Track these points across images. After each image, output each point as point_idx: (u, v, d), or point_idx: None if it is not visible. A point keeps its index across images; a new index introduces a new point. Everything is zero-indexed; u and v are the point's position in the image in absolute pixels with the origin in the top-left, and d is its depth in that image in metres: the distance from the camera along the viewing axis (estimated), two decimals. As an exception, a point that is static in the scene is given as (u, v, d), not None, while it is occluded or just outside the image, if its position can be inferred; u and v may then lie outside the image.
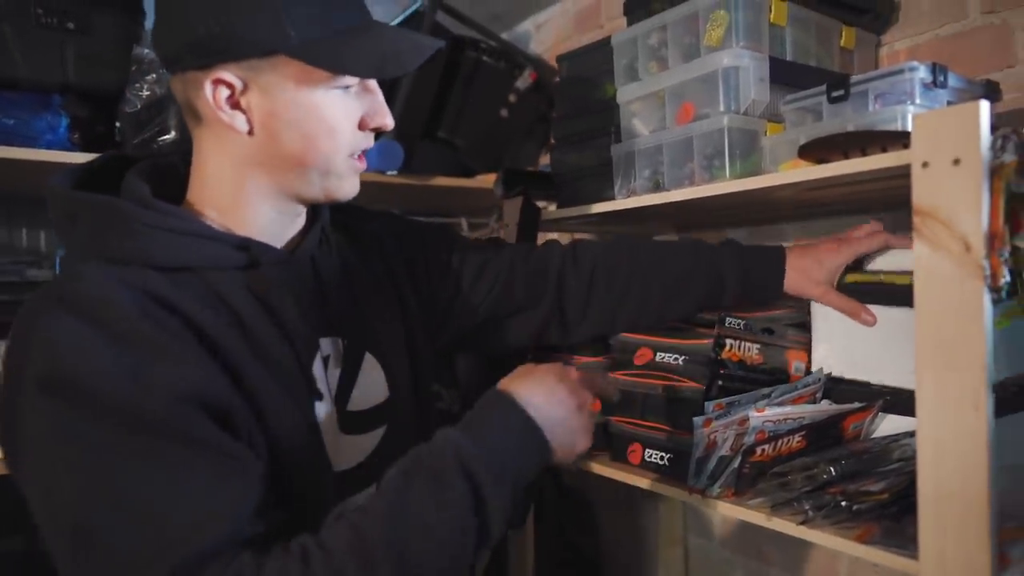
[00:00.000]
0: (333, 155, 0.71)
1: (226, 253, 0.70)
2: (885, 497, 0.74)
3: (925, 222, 0.68)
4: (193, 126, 0.72)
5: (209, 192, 0.72)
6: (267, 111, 0.68)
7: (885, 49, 1.09)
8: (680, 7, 0.96)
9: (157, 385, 0.59)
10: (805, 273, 0.90)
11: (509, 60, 1.64)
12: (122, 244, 0.66)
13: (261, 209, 0.73)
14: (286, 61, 0.66)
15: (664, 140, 0.99)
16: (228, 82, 0.66)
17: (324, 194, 0.74)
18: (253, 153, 0.70)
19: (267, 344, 0.69)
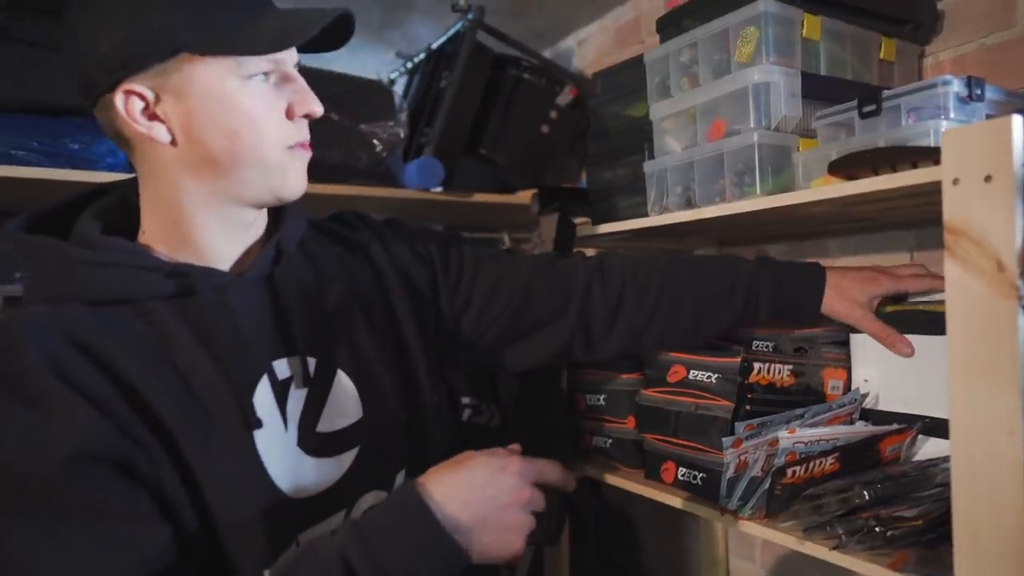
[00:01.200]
0: (261, 147, 0.68)
1: (157, 282, 0.68)
2: (919, 524, 0.72)
3: (957, 241, 0.66)
4: (126, 151, 0.71)
5: (154, 217, 0.72)
6: (183, 115, 0.66)
7: (929, 60, 1.06)
8: (711, 24, 0.95)
9: (49, 446, 0.58)
10: (845, 295, 0.88)
11: (550, 77, 1.66)
12: (58, 283, 0.67)
13: (205, 224, 0.71)
14: (189, 59, 0.65)
15: (695, 157, 0.98)
16: (138, 92, 0.65)
17: (270, 192, 0.71)
18: (182, 163, 0.68)
19: (194, 376, 0.67)
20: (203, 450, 0.65)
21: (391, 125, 1.39)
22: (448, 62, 1.56)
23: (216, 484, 0.65)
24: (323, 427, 0.74)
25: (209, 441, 0.66)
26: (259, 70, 0.68)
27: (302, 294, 0.77)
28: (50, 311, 0.66)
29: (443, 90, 1.51)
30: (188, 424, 0.65)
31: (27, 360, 0.61)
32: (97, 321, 0.65)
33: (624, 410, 1.14)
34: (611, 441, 1.18)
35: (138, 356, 0.65)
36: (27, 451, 0.58)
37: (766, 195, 0.88)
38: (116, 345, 0.65)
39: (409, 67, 1.77)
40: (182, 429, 0.65)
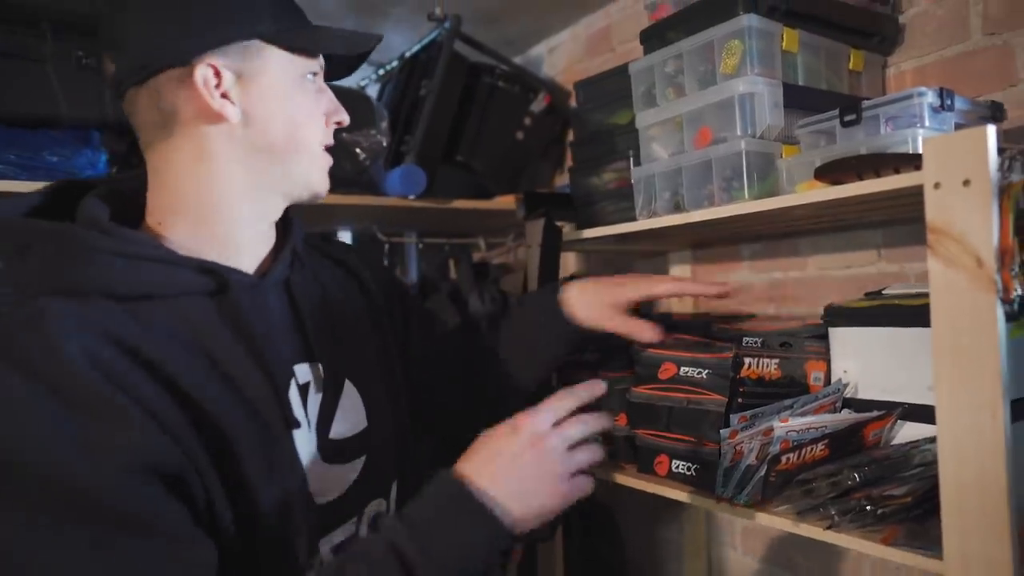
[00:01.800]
0: (311, 141, 0.72)
1: (191, 279, 0.67)
2: (908, 500, 0.78)
3: (939, 240, 0.72)
4: (160, 138, 0.69)
5: (179, 207, 0.69)
6: (253, 98, 0.68)
7: (892, 70, 1.14)
8: (696, 36, 1.00)
9: (101, 459, 0.56)
10: (591, 307, 0.95)
11: (524, 84, 1.69)
12: (80, 274, 0.62)
13: (240, 218, 0.71)
14: (262, 47, 0.68)
15: (683, 163, 1.03)
16: (218, 69, 0.66)
17: (307, 187, 0.74)
18: (240, 144, 0.69)
19: (240, 375, 0.66)
20: (253, 451, 0.64)
21: (373, 133, 1.40)
22: (424, 70, 1.58)
23: (264, 486, 0.65)
24: (335, 434, 0.75)
25: (260, 440, 0.66)
26: (312, 70, 0.72)
27: (312, 302, 0.78)
28: (75, 305, 0.61)
29: (422, 98, 1.53)
30: (240, 425, 0.64)
31: (73, 361, 0.57)
32: (132, 320, 0.62)
33: (615, 407, 1.18)
34: (603, 438, 1.22)
35: (182, 356, 0.63)
36: (79, 459, 0.55)
37: (754, 199, 0.94)
38: (159, 344, 0.62)
39: (381, 74, 1.78)
40: (235, 431, 0.64)
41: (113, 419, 0.57)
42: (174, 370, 0.62)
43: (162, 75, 0.66)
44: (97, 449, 0.56)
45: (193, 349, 0.64)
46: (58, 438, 0.55)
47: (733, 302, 1.41)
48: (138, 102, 0.68)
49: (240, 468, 0.63)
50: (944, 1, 1.07)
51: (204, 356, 0.65)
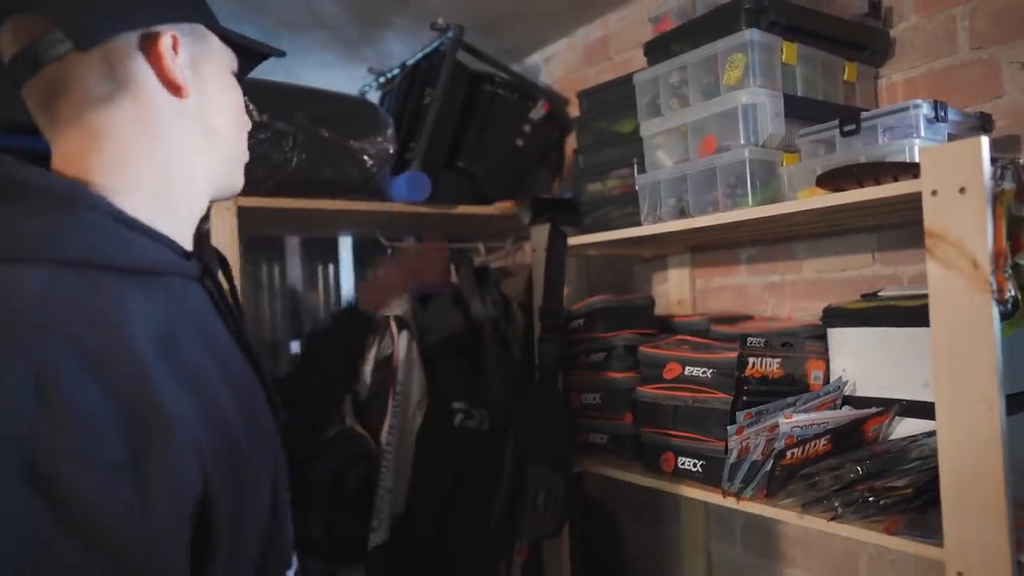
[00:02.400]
0: (242, 134, 0.71)
1: (179, 260, 0.61)
2: (910, 492, 0.82)
3: (937, 244, 0.77)
4: (102, 108, 0.60)
5: (133, 181, 0.61)
6: (203, 79, 0.65)
7: (883, 81, 1.18)
8: (700, 49, 1.04)
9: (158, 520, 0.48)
10: None
11: (523, 92, 1.73)
12: (83, 239, 0.52)
13: (188, 199, 0.65)
14: (207, 34, 0.66)
15: (688, 171, 1.07)
16: (178, 42, 0.62)
17: (231, 181, 0.71)
18: (191, 119, 0.65)
19: (236, 368, 0.63)
20: (253, 444, 0.60)
21: (379, 141, 1.43)
22: (427, 78, 1.61)
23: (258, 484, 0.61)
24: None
25: (257, 438, 0.61)
26: (235, 68, 0.71)
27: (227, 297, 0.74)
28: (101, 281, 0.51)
29: (425, 106, 1.56)
30: (244, 421, 0.60)
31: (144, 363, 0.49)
32: (147, 298, 0.54)
33: (621, 407, 1.22)
34: (608, 437, 1.26)
35: (196, 346, 0.57)
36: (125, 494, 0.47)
37: (757, 205, 0.98)
38: (177, 333, 0.55)
39: (381, 82, 1.81)
40: (238, 424, 0.59)
41: (172, 447, 0.49)
42: (190, 360, 0.55)
43: (117, 40, 0.60)
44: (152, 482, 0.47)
45: (194, 334, 0.58)
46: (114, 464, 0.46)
47: (732, 303, 1.46)
48: (79, 71, 0.59)
49: (242, 466, 0.58)
50: (933, 16, 1.12)
51: (203, 342, 0.59)
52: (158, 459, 0.48)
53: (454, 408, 1.52)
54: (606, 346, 1.26)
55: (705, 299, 1.52)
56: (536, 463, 1.23)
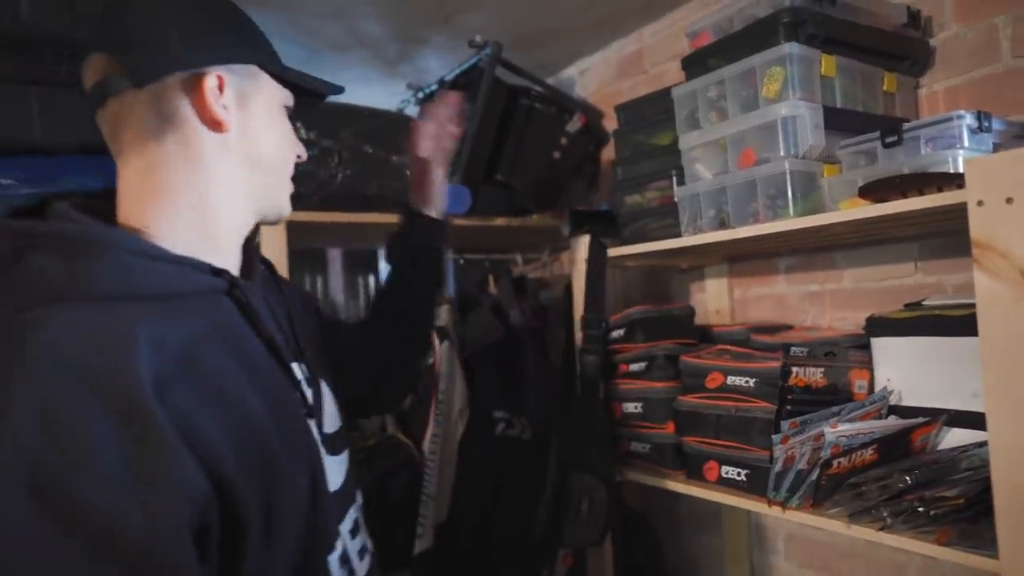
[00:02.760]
0: (290, 164, 0.77)
1: (208, 278, 0.66)
2: (961, 502, 0.82)
3: (983, 254, 0.77)
4: (151, 141, 0.67)
5: (174, 209, 0.67)
6: (249, 115, 0.72)
7: (924, 90, 1.18)
8: (738, 64, 1.06)
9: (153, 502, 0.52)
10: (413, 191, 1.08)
11: (559, 105, 1.75)
12: (104, 277, 0.58)
13: (230, 224, 0.72)
14: (259, 73, 0.73)
15: (728, 182, 1.08)
16: (224, 82, 0.69)
17: (277, 206, 0.77)
18: (233, 154, 0.71)
19: (265, 371, 0.67)
20: (282, 442, 0.64)
21: (421, 156, 1.46)
22: (465, 94, 1.65)
23: (294, 474, 0.65)
24: (327, 428, 0.77)
25: (287, 432, 0.66)
26: (288, 103, 0.78)
27: (284, 307, 0.81)
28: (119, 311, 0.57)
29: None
30: (270, 417, 0.64)
31: (139, 381, 0.53)
32: (164, 320, 0.59)
33: (662, 416, 1.23)
34: (650, 446, 1.27)
35: (214, 354, 0.62)
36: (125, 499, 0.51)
37: (798, 216, 0.99)
38: (195, 345, 0.60)
39: (420, 98, 1.85)
40: (265, 424, 0.63)
41: (166, 456, 0.53)
42: (213, 371, 0.60)
43: (169, 79, 0.67)
44: (148, 488, 0.52)
45: (220, 344, 0.63)
46: (108, 468, 0.51)
47: (770, 312, 1.46)
48: (134, 107, 0.67)
49: (273, 461, 0.62)
50: (974, 25, 1.12)
51: (230, 350, 0.64)
52: (152, 468, 0.52)
53: (495, 417, 1.55)
54: (647, 356, 1.28)
55: (743, 309, 1.52)
56: (579, 471, 1.24)
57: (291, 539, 0.63)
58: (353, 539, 0.77)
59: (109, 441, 0.51)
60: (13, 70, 1.11)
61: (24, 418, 0.50)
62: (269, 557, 0.61)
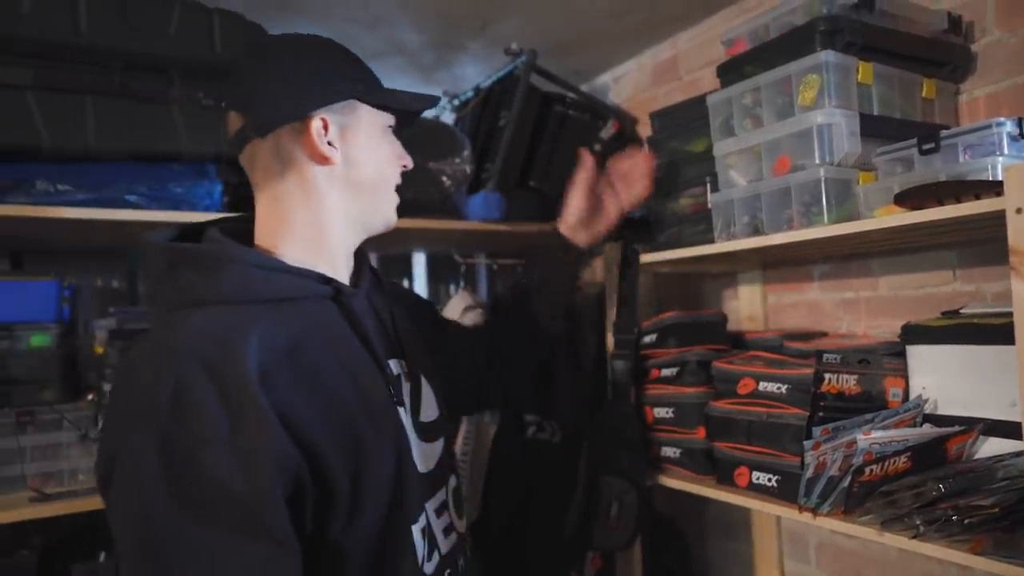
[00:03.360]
0: (393, 180, 0.89)
1: (315, 286, 0.79)
2: (996, 511, 0.81)
3: (1022, 262, 0.77)
4: (275, 180, 0.81)
5: (292, 233, 0.81)
6: (351, 145, 0.83)
7: (964, 97, 1.17)
8: (774, 71, 1.07)
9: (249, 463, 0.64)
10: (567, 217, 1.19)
11: (593, 112, 1.77)
12: (228, 285, 0.73)
13: (339, 240, 0.84)
14: (358, 105, 0.84)
15: (762, 189, 1.09)
16: (327, 123, 0.80)
17: (383, 218, 0.89)
18: (340, 182, 0.82)
19: (357, 363, 0.78)
20: (371, 425, 0.75)
21: (457, 162, 1.49)
22: (500, 101, 1.68)
23: (381, 453, 0.76)
24: (423, 417, 0.89)
25: (377, 417, 0.77)
26: (390, 123, 0.89)
27: (389, 310, 0.92)
28: (231, 313, 0.72)
29: (500, 127, 1.62)
30: (360, 404, 0.75)
31: (246, 370, 0.66)
32: (277, 318, 0.73)
33: (693, 421, 1.24)
34: (681, 451, 1.27)
35: (316, 348, 0.74)
36: (231, 461, 0.64)
37: (832, 223, 0.99)
38: (300, 339, 0.73)
39: (456, 104, 1.89)
40: (356, 409, 0.74)
41: (262, 429, 0.65)
42: (312, 361, 0.73)
43: (283, 128, 0.80)
44: (246, 454, 0.64)
45: (322, 341, 0.76)
46: (224, 454, 0.64)
47: (804, 319, 1.45)
48: (260, 152, 0.82)
49: (361, 438, 0.73)
50: (1017, 30, 1.11)
51: (330, 347, 0.76)
52: (250, 440, 0.65)
53: (527, 420, 1.57)
54: (679, 361, 1.28)
55: (777, 315, 1.52)
56: (610, 475, 1.25)
57: (376, 506, 0.74)
58: (439, 517, 0.86)
59: (218, 416, 0.64)
60: (71, 81, 1.17)
61: (162, 394, 0.65)
62: (357, 518, 0.72)
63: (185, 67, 1.26)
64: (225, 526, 0.63)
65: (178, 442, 0.64)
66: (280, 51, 0.83)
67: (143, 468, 0.63)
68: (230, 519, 0.64)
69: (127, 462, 0.65)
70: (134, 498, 0.64)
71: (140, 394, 0.67)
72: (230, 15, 1.32)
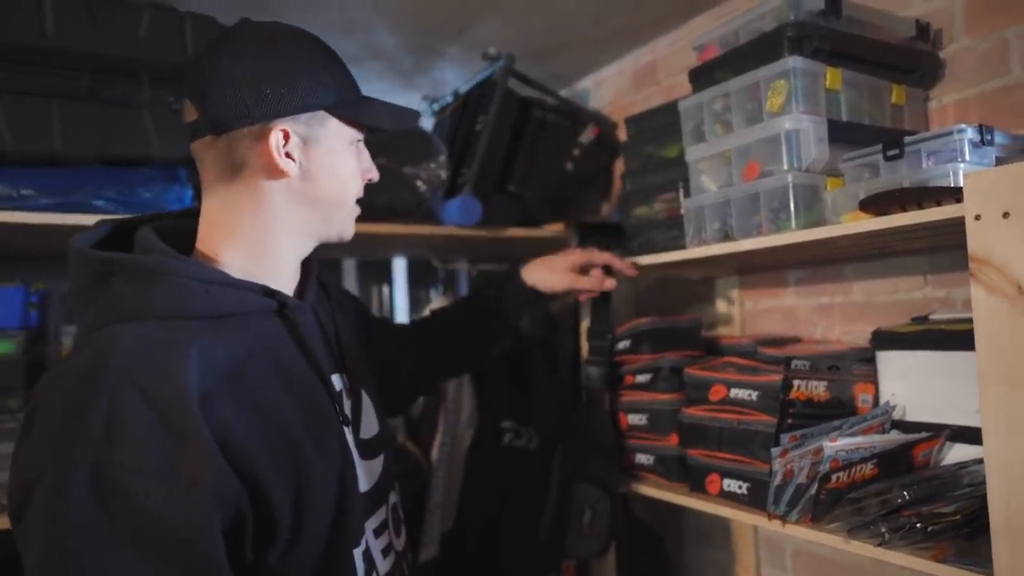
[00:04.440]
0: (354, 195, 0.84)
1: (259, 300, 0.76)
2: (958, 518, 0.81)
3: (981, 268, 0.77)
4: (224, 182, 0.77)
5: (236, 242, 0.77)
6: (312, 159, 0.78)
7: (934, 103, 1.18)
8: (743, 77, 1.06)
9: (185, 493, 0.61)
10: (541, 274, 1.22)
11: (572, 117, 1.77)
12: (167, 300, 0.69)
13: (287, 253, 0.80)
14: (325, 117, 0.78)
15: (732, 195, 1.09)
16: (288, 133, 0.76)
17: (339, 233, 0.84)
18: (295, 195, 0.78)
19: (303, 380, 0.76)
20: (316, 445, 0.73)
21: (432, 167, 1.49)
22: (478, 105, 1.67)
23: (325, 474, 0.74)
24: (364, 434, 0.86)
25: (321, 436, 0.75)
26: (358, 138, 0.84)
27: (333, 322, 0.89)
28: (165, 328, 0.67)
29: (477, 132, 1.61)
30: (304, 424, 0.73)
31: (185, 393, 0.63)
32: (214, 337, 0.69)
33: (667, 428, 1.23)
34: (654, 458, 1.26)
35: (257, 367, 0.71)
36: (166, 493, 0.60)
37: (800, 229, 0.99)
38: (240, 359, 0.69)
39: (435, 109, 1.88)
40: (300, 429, 0.72)
41: (201, 458, 0.62)
42: (255, 383, 0.70)
43: (239, 131, 0.75)
44: (185, 485, 0.61)
45: (264, 358, 0.73)
46: (159, 480, 0.60)
47: (780, 325, 1.45)
48: (211, 150, 0.76)
49: (305, 463, 0.71)
50: (986, 37, 1.11)
51: (273, 366, 0.73)
52: (189, 468, 0.61)
53: (503, 427, 1.56)
54: (652, 368, 1.28)
55: (754, 321, 1.52)
56: (583, 482, 1.25)
57: (318, 531, 0.72)
58: (377, 538, 0.83)
59: (154, 443, 0.61)
60: (36, 84, 1.16)
61: (94, 418, 0.60)
62: (298, 545, 0.69)
63: (155, 70, 1.25)
64: (159, 560, 0.60)
65: (111, 470, 0.60)
66: (251, 43, 0.76)
67: (70, 497, 0.59)
68: (164, 553, 0.60)
69: (50, 490, 0.60)
70: (59, 528, 0.59)
71: (68, 418, 0.62)
72: (202, 18, 1.32)
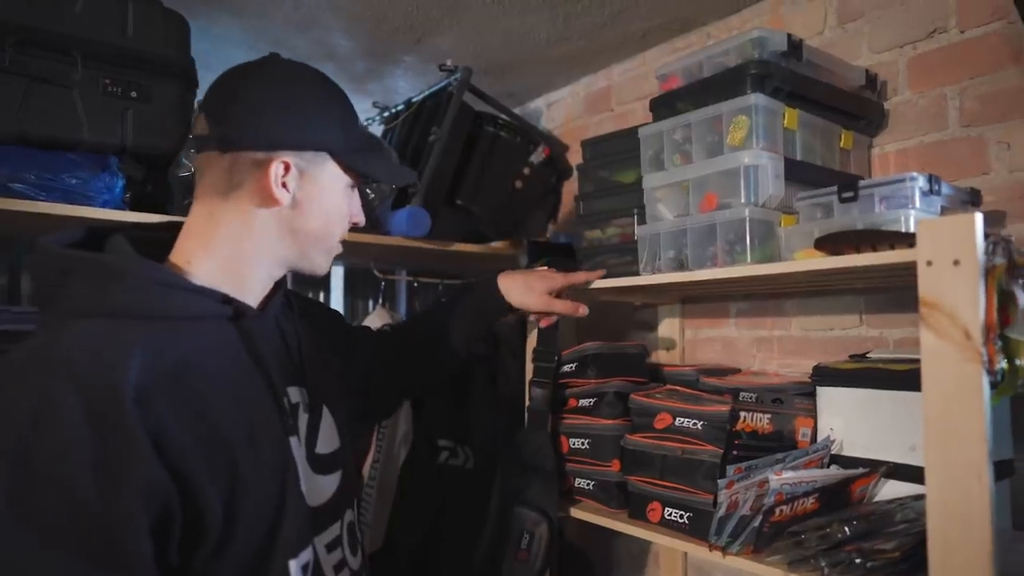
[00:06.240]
0: (335, 235, 0.87)
1: (214, 306, 0.77)
2: (897, 555, 0.83)
3: (931, 313, 0.79)
4: (216, 196, 0.79)
5: (211, 254, 0.79)
6: (306, 192, 0.81)
7: (876, 150, 1.23)
8: (705, 109, 1.08)
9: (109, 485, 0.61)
10: (519, 291, 1.18)
11: (524, 136, 1.76)
12: (119, 298, 0.70)
13: (259, 273, 0.83)
14: (327, 158, 0.83)
15: (688, 225, 1.10)
16: (289, 165, 0.80)
17: (313, 268, 0.87)
18: (281, 222, 0.81)
19: (249, 385, 0.77)
20: (256, 453, 0.73)
21: (383, 174, 1.44)
22: (431, 116, 1.64)
23: (262, 483, 0.73)
24: (320, 449, 0.87)
25: (262, 443, 0.74)
26: (352, 183, 0.88)
27: (297, 337, 0.90)
28: (117, 326, 0.68)
29: (430, 143, 1.58)
30: (246, 429, 0.73)
31: (120, 386, 0.63)
32: (164, 335, 0.70)
33: (608, 454, 1.23)
34: (594, 483, 1.25)
35: (205, 368, 0.71)
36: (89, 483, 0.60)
37: (755, 263, 1.00)
38: (188, 358, 0.70)
39: (385, 116, 1.84)
40: (240, 434, 0.72)
41: (131, 453, 0.62)
42: (199, 385, 0.70)
43: (244, 154, 0.78)
44: (111, 477, 0.61)
45: (212, 363, 0.73)
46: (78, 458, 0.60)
47: (719, 355, 1.48)
48: (213, 164, 0.80)
49: (240, 468, 0.71)
50: (926, 92, 1.17)
51: (221, 370, 0.74)
52: (116, 463, 0.61)
53: (439, 445, 1.52)
54: (596, 392, 1.27)
55: (693, 349, 1.54)
56: (522, 506, 1.22)
57: (250, 538, 0.71)
58: (330, 553, 0.83)
59: (82, 434, 0.60)
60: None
61: (23, 409, 0.61)
62: (227, 548, 0.69)
63: (91, 50, 1.16)
64: (73, 551, 0.59)
65: (33, 456, 0.59)
66: (279, 78, 0.82)
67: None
68: (81, 544, 0.60)
69: None
70: None
71: (6, 403, 0.62)
72: (146, 2, 1.24)
